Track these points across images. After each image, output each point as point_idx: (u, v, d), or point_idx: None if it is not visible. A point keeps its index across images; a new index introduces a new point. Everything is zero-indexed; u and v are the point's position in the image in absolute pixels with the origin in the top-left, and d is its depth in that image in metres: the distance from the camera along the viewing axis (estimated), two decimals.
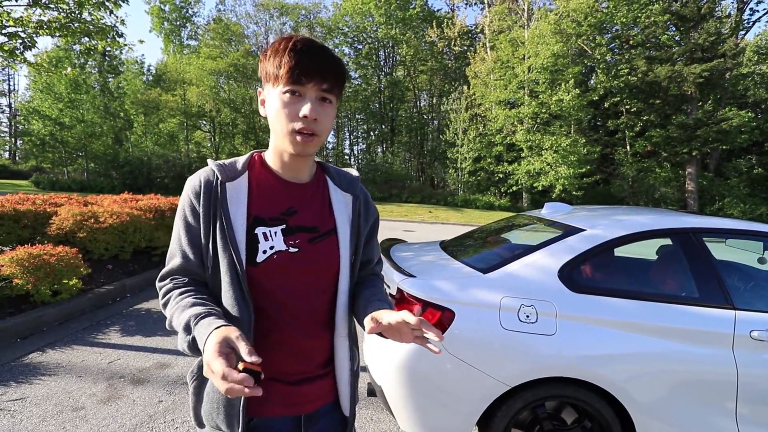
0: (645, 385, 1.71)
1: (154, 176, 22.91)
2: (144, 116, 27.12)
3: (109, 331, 3.55)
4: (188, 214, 0.82)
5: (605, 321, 1.73)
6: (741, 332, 1.74)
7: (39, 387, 2.58)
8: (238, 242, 0.79)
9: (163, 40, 31.83)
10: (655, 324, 1.74)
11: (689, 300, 1.82)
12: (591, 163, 20.15)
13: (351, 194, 0.95)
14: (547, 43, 18.73)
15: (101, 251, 4.92)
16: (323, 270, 0.87)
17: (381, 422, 2.40)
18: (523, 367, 1.70)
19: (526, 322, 1.73)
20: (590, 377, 1.69)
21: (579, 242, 1.89)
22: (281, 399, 0.84)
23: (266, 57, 0.80)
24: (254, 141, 28.22)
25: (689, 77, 19.16)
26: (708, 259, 1.92)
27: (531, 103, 19.76)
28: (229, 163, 0.86)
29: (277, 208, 0.84)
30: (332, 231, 0.89)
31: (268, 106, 0.82)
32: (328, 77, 0.77)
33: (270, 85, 0.80)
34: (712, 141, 19.64)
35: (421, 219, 16.31)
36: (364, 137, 34.09)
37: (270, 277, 0.81)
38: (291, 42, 0.76)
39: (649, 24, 20.33)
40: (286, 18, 29.09)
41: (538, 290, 1.78)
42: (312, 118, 0.76)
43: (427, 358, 1.77)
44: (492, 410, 1.76)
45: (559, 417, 1.82)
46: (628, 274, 2.49)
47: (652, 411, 1.72)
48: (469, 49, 27.28)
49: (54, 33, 4.54)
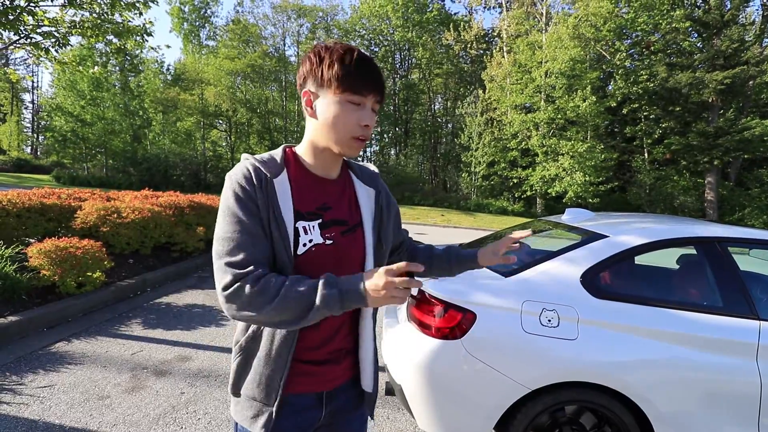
0: (666, 392, 1.70)
1: (170, 174, 23.34)
2: (162, 115, 27.69)
3: (131, 323, 3.64)
4: (248, 202, 0.82)
5: (628, 327, 1.73)
6: (766, 343, 1.72)
7: (66, 375, 2.67)
8: (288, 235, 0.84)
9: (183, 41, 32.44)
10: (678, 332, 1.73)
11: (713, 309, 1.81)
12: (607, 170, 19.85)
13: (374, 189, 1.02)
14: (566, 47, 18.57)
15: (123, 245, 5.05)
16: (352, 260, 0.93)
17: (398, 421, 2.42)
18: (544, 370, 1.71)
19: (548, 326, 1.74)
20: (611, 383, 1.69)
21: (602, 248, 1.89)
22: (310, 377, 0.92)
23: (321, 60, 0.83)
24: (269, 141, 28.56)
25: (711, 84, 18.74)
26: (733, 268, 1.90)
27: (547, 108, 19.59)
28: (269, 159, 0.89)
29: (314, 203, 0.90)
30: (359, 224, 0.95)
31: (323, 109, 0.85)
32: (381, 91, 0.86)
33: (326, 90, 0.84)
34: (734, 150, 19.16)
35: (434, 222, 16.28)
36: (378, 139, 34.18)
37: (308, 267, 0.86)
38: (354, 54, 0.82)
39: (670, 30, 19.98)
40: (304, 20, 29.39)
41: (560, 295, 1.79)
42: (371, 129, 0.85)
43: (448, 358, 1.79)
44: (512, 413, 1.77)
45: (578, 422, 1.82)
46: (651, 282, 2.47)
47: (673, 419, 1.71)
48: (485, 52, 27.19)
49: (86, 33, 4.70)
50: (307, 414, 0.93)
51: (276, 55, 28.36)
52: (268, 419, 0.87)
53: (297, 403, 0.91)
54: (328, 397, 0.95)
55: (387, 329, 2.25)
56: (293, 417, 0.91)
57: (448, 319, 1.81)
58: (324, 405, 0.95)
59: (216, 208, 7.19)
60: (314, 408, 0.94)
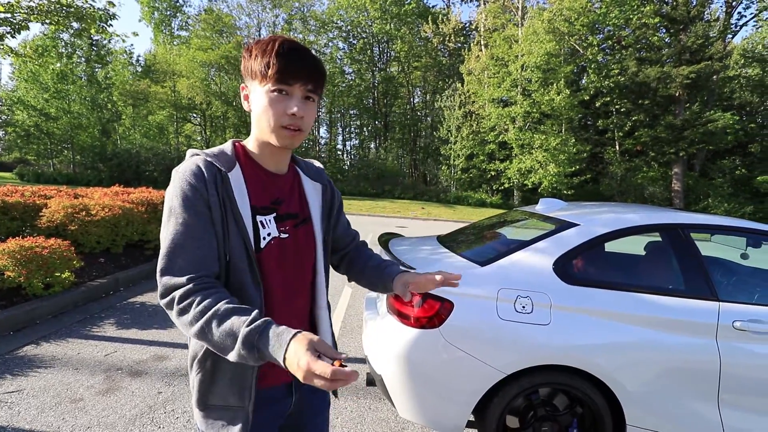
0: (634, 372, 1.78)
1: (142, 169, 22.56)
2: (132, 108, 26.69)
3: (104, 324, 3.53)
4: (195, 202, 0.79)
5: (597, 312, 1.80)
6: (724, 323, 1.82)
7: (35, 379, 2.57)
8: (248, 230, 0.84)
9: (153, 30, 31.29)
10: (644, 314, 1.82)
11: (676, 292, 1.90)
12: (580, 162, 20.40)
13: (320, 183, 1.05)
14: (541, 41, 18.86)
15: (93, 244, 4.88)
16: (306, 252, 0.96)
17: (379, 411, 2.45)
18: (519, 355, 1.77)
19: (523, 313, 1.79)
20: (582, 365, 1.76)
21: (574, 236, 1.96)
22: (276, 369, 0.89)
23: (251, 56, 0.84)
24: (246, 135, 27.81)
25: (677, 79, 19.48)
26: (694, 253, 2.00)
27: (523, 102, 19.91)
28: (219, 153, 0.87)
29: (268, 198, 0.91)
30: (309, 217, 0.99)
31: (254, 102, 0.86)
32: (312, 78, 0.84)
33: (256, 83, 0.84)
34: (698, 142, 20.04)
35: (414, 215, 16.37)
36: (357, 133, 34.01)
37: (269, 261, 0.88)
38: (278, 44, 0.81)
39: (640, 25, 20.59)
40: (279, 10, 28.80)
41: (533, 282, 1.85)
42: (299, 116, 0.83)
43: (427, 346, 1.82)
44: (488, 397, 1.82)
45: (552, 403, 1.89)
46: (620, 268, 2.57)
47: (640, 398, 1.80)
48: (463, 46, 27.34)
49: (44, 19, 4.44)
50: (279, 404, 0.95)
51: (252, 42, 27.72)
52: (245, 421, 0.85)
53: (269, 396, 0.92)
54: (297, 384, 0.98)
55: (367, 321, 2.27)
56: (267, 410, 0.92)
57: (426, 309, 1.84)
58: (294, 393, 0.98)
59: None
60: (285, 397, 0.96)
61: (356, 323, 3.85)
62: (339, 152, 34.33)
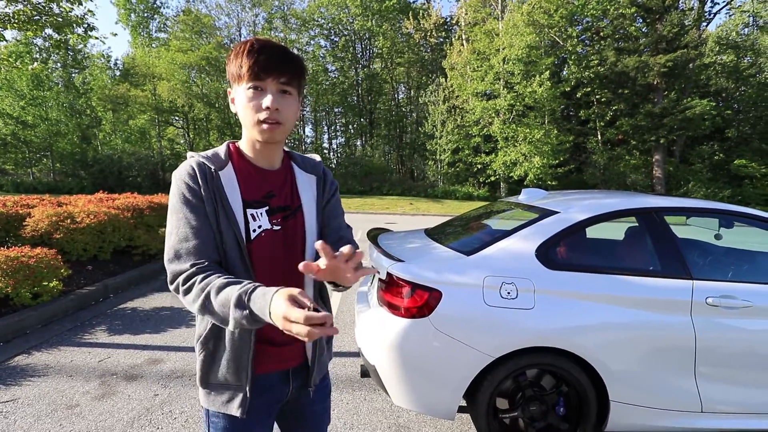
0: (615, 351, 1.88)
1: (125, 175, 22.21)
2: (112, 113, 26.16)
3: (96, 331, 3.52)
4: (191, 198, 0.89)
5: (578, 294, 1.89)
6: (698, 300, 1.92)
7: (29, 388, 2.57)
8: (239, 222, 0.91)
9: (131, 33, 30.64)
10: (623, 295, 1.91)
11: (652, 272, 2.00)
12: (564, 153, 20.71)
13: (314, 175, 1.08)
14: (521, 34, 19.06)
15: (79, 252, 4.83)
16: (297, 242, 1.01)
17: (374, 401, 2.52)
18: (506, 339, 1.84)
19: (508, 299, 1.86)
20: (566, 345, 1.84)
21: (553, 224, 2.04)
22: (274, 357, 0.99)
23: (230, 60, 0.90)
24: (230, 136, 27.66)
25: (655, 67, 19.89)
26: (669, 234, 2.10)
27: (507, 95, 20.11)
28: (213, 154, 0.96)
29: (259, 193, 0.97)
30: (299, 208, 1.02)
31: (237, 102, 0.92)
32: (285, 72, 0.88)
33: (236, 85, 0.91)
34: (677, 129, 20.51)
35: (403, 211, 16.46)
36: (343, 131, 33.91)
37: (260, 251, 0.94)
38: (248, 44, 0.87)
39: (617, 16, 20.94)
40: (259, 9, 28.48)
41: (517, 269, 1.92)
42: (274, 108, 0.87)
43: (417, 335, 1.88)
44: (478, 381, 1.90)
45: (539, 384, 1.97)
46: (599, 252, 2.67)
47: (622, 375, 1.90)
48: (445, 41, 27.43)
49: (22, 27, 4.35)
50: (277, 391, 1.02)
51: (232, 47, 27.39)
52: (243, 399, 0.93)
53: (266, 382, 0.99)
54: (294, 374, 1.04)
55: (359, 315, 2.32)
56: (264, 395, 0.99)
57: (415, 299, 1.90)
58: (291, 381, 1.03)
59: None
60: (282, 384, 1.02)
61: (349, 319, 3.90)
62: (325, 151, 34.19)
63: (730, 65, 24.79)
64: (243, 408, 0.93)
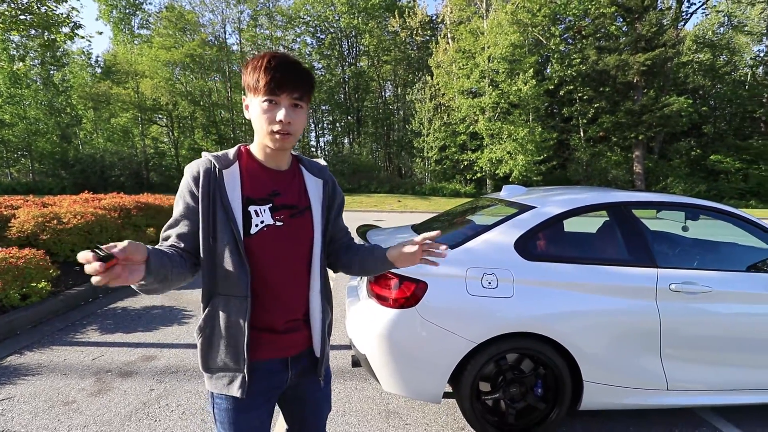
0: (587, 334, 2.03)
1: (108, 175, 21.77)
2: (94, 111, 25.61)
3: (87, 330, 3.55)
4: (187, 196, 1.00)
5: (554, 283, 2.03)
6: (662, 286, 2.09)
7: (24, 386, 2.61)
8: (236, 217, 0.99)
9: (112, 29, 29.97)
10: (594, 283, 2.06)
11: (622, 262, 2.16)
12: (548, 150, 21.12)
13: (322, 179, 1.17)
14: (505, 33, 19.32)
15: (67, 253, 4.81)
16: (302, 239, 1.08)
17: (365, 390, 2.63)
18: (487, 325, 1.97)
19: (489, 288, 2.00)
20: (543, 331, 1.99)
21: (531, 218, 2.18)
22: (273, 345, 1.07)
23: (247, 71, 0.99)
24: (216, 135, 27.37)
25: (634, 66, 20.44)
26: (637, 226, 2.27)
27: (492, 93, 20.38)
28: (222, 155, 1.04)
29: (265, 191, 1.04)
30: (307, 208, 1.10)
31: (252, 111, 1.02)
32: (298, 88, 0.97)
33: (252, 95, 1.00)
34: (656, 126, 21.15)
35: (391, 208, 16.59)
36: (330, 128, 33.84)
37: (262, 246, 1.01)
38: (266, 60, 0.96)
39: (598, 15, 21.41)
40: (244, 6, 28.16)
41: (497, 260, 2.06)
42: (286, 122, 0.97)
43: (405, 324, 2.00)
44: (462, 366, 2.03)
45: (519, 368, 2.12)
46: (573, 244, 2.84)
47: (595, 357, 2.05)
48: (431, 39, 27.59)
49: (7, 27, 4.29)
50: (276, 377, 1.09)
51: (216, 44, 27.01)
52: (242, 382, 1.01)
53: (265, 368, 1.06)
54: (293, 362, 1.10)
55: (350, 307, 2.43)
56: (264, 380, 1.06)
57: (403, 290, 2.02)
58: (290, 369, 1.10)
59: (164, 207, 7.01)
60: (281, 371, 1.09)
61: (338, 314, 4.00)
62: (312, 149, 34.08)
63: (706, 63, 25.61)
64: (243, 389, 1.00)
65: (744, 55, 27.44)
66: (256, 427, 1.07)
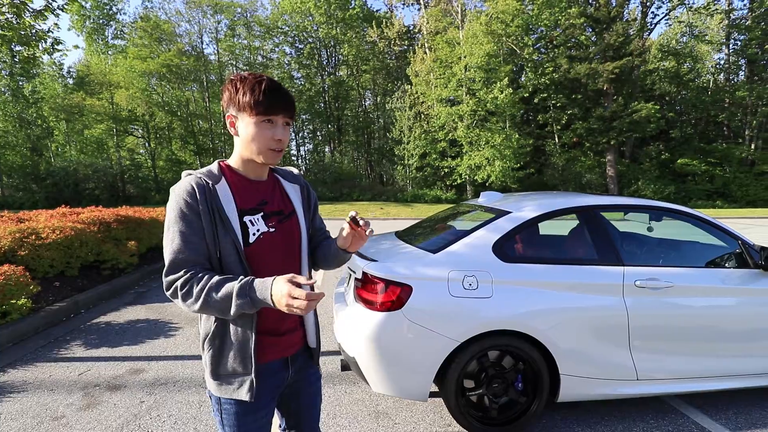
0: (562, 330, 2.18)
1: (82, 188, 21.12)
2: (66, 123, 24.87)
3: (71, 345, 3.51)
4: (188, 213, 1.01)
5: (530, 282, 2.18)
6: (628, 282, 2.27)
7: (10, 403, 2.58)
8: (235, 228, 1.07)
9: (85, 40, 29.29)
10: (567, 281, 2.22)
11: (591, 261, 2.33)
12: (525, 156, 21.70)
13: (298, 184, 1.28)
14: (481, 43, 19.89)
15: (46, 268, 4.72)
16: (293, 241, 1.18)
17: (355, 393, 2.71)
18: (469, 325, 2.10)
19: (470, 289, 2.13)
20: (521, 328, 2.12)
21: (507, 222, 2.33)
22: (276, 347, 1.17)
23: (237, 90, 1.04)
24: (194, 145, 26.95)
25: (604, 74, 21.35)
26: (605, 228, 2.45)
27: (469, 101, 20.87)
28: (207, 172, 1.10)
29: (254, 201, 1.13)
30: (292, 212, 1.20)
31: (242, 129, 1.07)
32: (289, 110, 1.08)
33: (245, 114, 1.05)
34: (626, 131, 22.08)
35: (374, 216, 16.69)
36: (311, 137, 33.81)
37: (260, 252, 1.09)
38: (264, 85, 1.03)
39: (568, 26, 22.31)
40: (221, 16, 27.99)
41: (477, 263, 2.19)
42: (283, 140, 1.08)
43: (392, 327, 2.11)
44: (447, 364, 2.14)
45: (500, 364, 2.25)
46: (548, 246, 3.01)
47: (570, 351, 2.20)
48: (409, 48, 28.07)
49: None
50: (278, 376, 1.19)
51: (194, 54, 26.73)
52: (251, 385, 1.09)
53: (269, 370, 1.15)
54: (292, 360, 1.21)
55: (338, 313, 2.52)
56: (268, 380, 1.15)
57: (389, 294, 2.13)
58: (290, 367, 1.21)
59: (146, 220, 6.90)
60: (283, 370, 1.19)
61: (326, 320, 4.05)
62: (293, 158, 33.94)
63: (671, 71, 26.89)
64: (251, 392, 1.08)
65: (706, 63, 29.00)
66: (262, 425, 1.16)
